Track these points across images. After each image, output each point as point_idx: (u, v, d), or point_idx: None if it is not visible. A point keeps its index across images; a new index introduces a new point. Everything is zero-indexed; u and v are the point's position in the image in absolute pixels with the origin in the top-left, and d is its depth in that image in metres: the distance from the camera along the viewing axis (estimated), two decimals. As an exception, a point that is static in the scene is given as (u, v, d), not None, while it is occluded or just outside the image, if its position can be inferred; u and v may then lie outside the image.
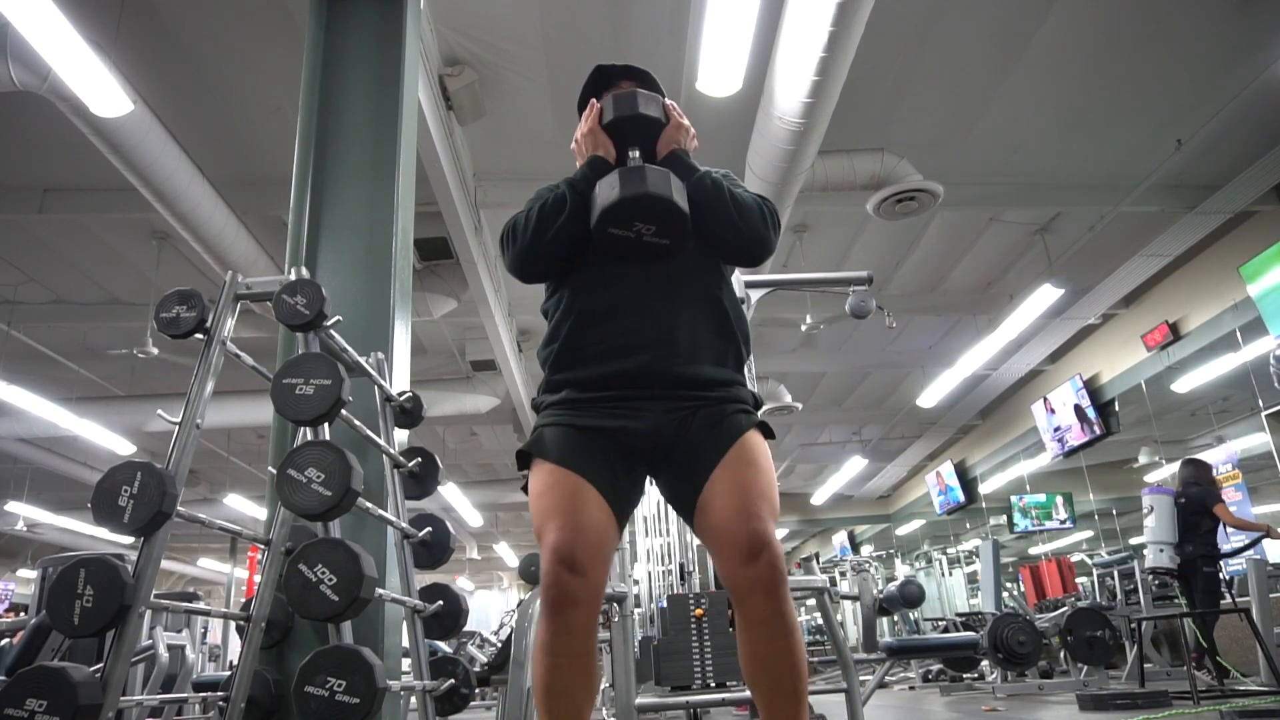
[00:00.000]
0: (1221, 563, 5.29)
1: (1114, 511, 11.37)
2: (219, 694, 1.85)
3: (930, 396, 9.87)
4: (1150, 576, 5.89)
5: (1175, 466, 7.99)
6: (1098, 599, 7.62)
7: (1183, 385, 8.45)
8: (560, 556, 1.27)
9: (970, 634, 5.99)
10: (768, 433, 1.46)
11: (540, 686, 1.29)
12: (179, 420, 1.75)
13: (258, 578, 2.04)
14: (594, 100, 1.60)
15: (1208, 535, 5.27)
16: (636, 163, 1.49)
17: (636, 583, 4.71)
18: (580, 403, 1.44)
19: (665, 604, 3.46)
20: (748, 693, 2.79)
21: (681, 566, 4.47)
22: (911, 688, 7.61)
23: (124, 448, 8.80)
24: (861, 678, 3.77)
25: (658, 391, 1.42)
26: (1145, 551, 5.50)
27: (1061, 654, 6.29)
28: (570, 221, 1.46)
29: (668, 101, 1.58)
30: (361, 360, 2.25)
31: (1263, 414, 7.15)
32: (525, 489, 1.44)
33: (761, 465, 1.39)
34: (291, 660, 2.18)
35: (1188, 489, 5.37)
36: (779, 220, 1.55)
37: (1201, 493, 5.32)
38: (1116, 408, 9.11)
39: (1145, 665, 5.16)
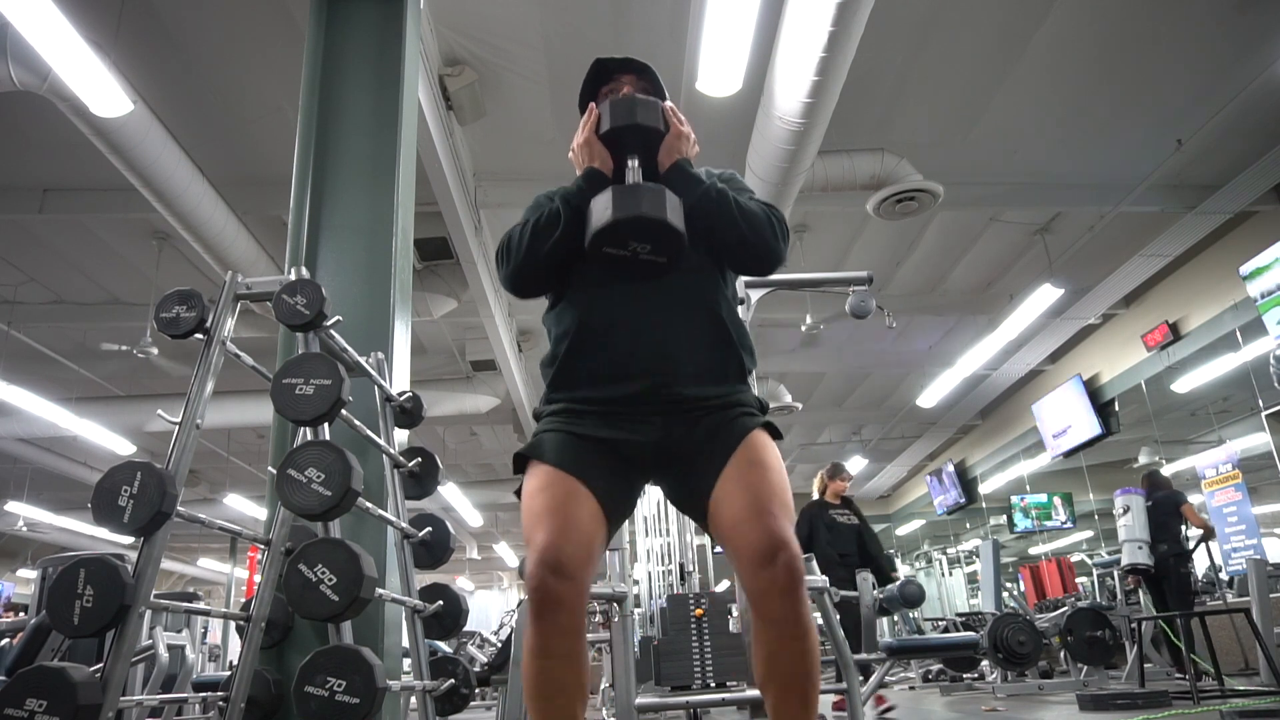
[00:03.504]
0: (1191, 564, 5.41)
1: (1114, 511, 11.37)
2: (219, 694, 1.85)
3: (930, 396, 9.87)
4: (1129, 574, 5.94)
5: (1176, 466, 7.99)
6: (1098, 599, 7.62)
7: (1183, 385, 8.46)
8: (545, 560, 1.25)
9: (970, 634, 5.98)
10: (774, 433, 1.44)
11: (531, 689, 1.28)
12: (179, 420, 1.75)
13: (258, 578, 2.04)
14: (592, 104, 1.55)
15: (1178, 535, 5.43)
16: (634, 173, 1.46)
17: (636, 583, 4.72)
18: (579, 413, 1.43)
19: (665, 604, 3.47)
20: (748, 693, 2.79)
21: (681, 566, 4.48)
22: (911, 688, 7.61)
23: (124, 448, 8.80)
24: (861, 677, 3.76)
25: (658, 408, 1.40)
26: (1122, 550, 5.60)
27: (1061, 654, 6.29)
28: (564, 238, 1.43)
29: (668, 105, 1.53)
30: (361, 360, 2.25)
31: (1263, 414, 7.15)
32: (518, 493, 1.43)
33: (771, 464, 1.37)
34: (291, 660, 2.18)
35: (1154, 494, 5.56)
36: (787, 228, 1.51)
37: (1171, 495, 5.52)
38: (1116, 408, 9.12)
39: (1145, 665, 5.16)
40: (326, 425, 1.84)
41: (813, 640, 1.28)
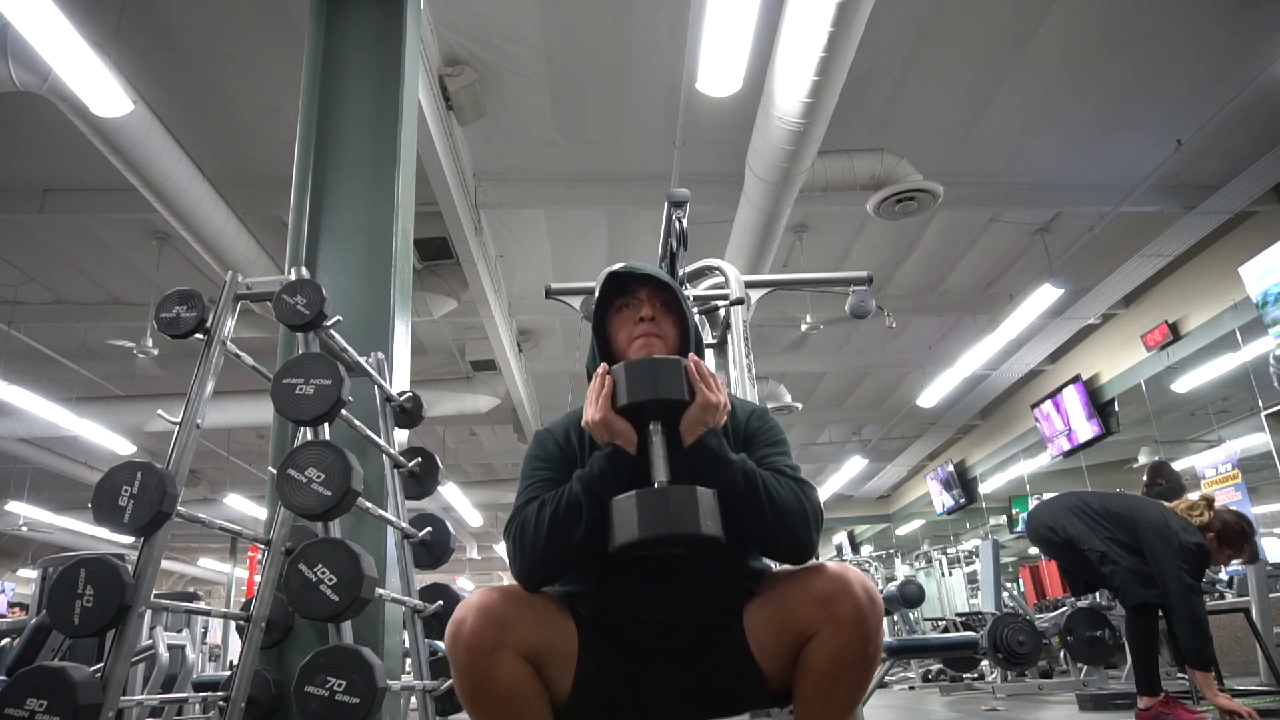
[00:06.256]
0: None
1: (1114, 511, 11.36)
2: (219, 694, 1.85)
3: (930, 396, 9.87)
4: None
5: (1176, 466, 7.97)
6: (1098, 599, 7.61)
7: (1183, 385, 8.45)
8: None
9: (970, 634, 5.99)
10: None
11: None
12: (179, 420, 1.75)
13: (258, 578, 2.04)
14: (604, 366, 1.38)
15: None
16: (658, 450, 1.32)
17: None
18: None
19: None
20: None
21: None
22: (911, 688, 7.61)
23: (124, 448, 8.81)
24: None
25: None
26: None
27: (1061, 654, 6.29)
28: (589, 535, 1.29)
29: (691, 363, 1.35)
30: (361, 360, 2.25)
31: (1263, 414, 7.14)
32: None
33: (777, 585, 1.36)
34: (291, 660, 2.18)
35: (1149, 490, 5.51)
36: (821, 513, 1.35)
37: (1162, 491, 5.46)
38: (1116, 408, 9.11)
39: (1145, 665, 5.16)
40: (326, 425, 1.84)
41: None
